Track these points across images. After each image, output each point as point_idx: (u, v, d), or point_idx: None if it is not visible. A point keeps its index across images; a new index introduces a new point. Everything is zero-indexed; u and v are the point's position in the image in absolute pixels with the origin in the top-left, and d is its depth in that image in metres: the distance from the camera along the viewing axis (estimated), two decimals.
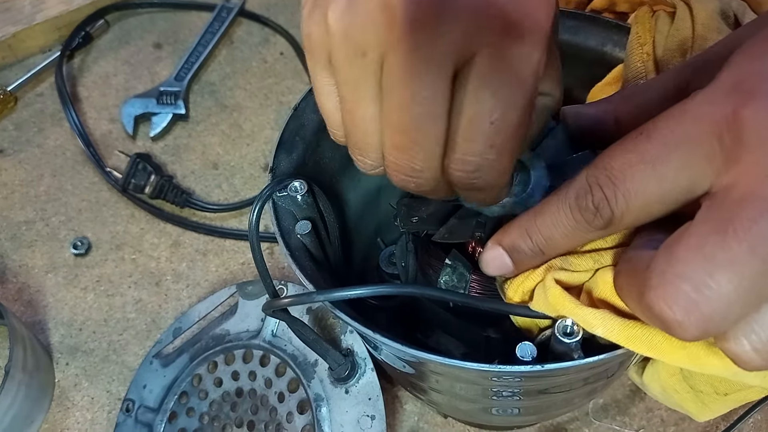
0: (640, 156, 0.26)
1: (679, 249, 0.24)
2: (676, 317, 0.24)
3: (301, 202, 0.40)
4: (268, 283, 0.38)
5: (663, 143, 0.26)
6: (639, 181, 0.26)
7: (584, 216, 0.28)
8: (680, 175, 0.25)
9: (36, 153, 0.76)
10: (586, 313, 0.30)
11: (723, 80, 0.25)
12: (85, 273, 0.67)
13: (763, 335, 0.24)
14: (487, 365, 0.31)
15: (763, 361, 0.24)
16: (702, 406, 0.44)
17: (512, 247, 0.32)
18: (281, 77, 0.81)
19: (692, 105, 0.26)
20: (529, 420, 0.54)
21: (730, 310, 0.23)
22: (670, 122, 0.26)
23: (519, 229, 0.32)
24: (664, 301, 0.24)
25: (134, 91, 0.80)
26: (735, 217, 0.23)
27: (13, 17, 0.82)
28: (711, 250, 0.23)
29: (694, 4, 0.42)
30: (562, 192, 0.29)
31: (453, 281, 0.41)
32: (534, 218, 0.31)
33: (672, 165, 0.25)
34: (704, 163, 0.25)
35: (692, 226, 0.24)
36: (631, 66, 0.43)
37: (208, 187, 0.73)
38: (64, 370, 0.62)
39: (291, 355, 0.53)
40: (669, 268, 0.24)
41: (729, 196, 0.24)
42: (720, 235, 0.23)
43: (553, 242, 0.31)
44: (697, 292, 0.23)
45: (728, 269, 0.23)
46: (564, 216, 0.29)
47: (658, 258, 0.25)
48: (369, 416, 0.50)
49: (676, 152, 0.25)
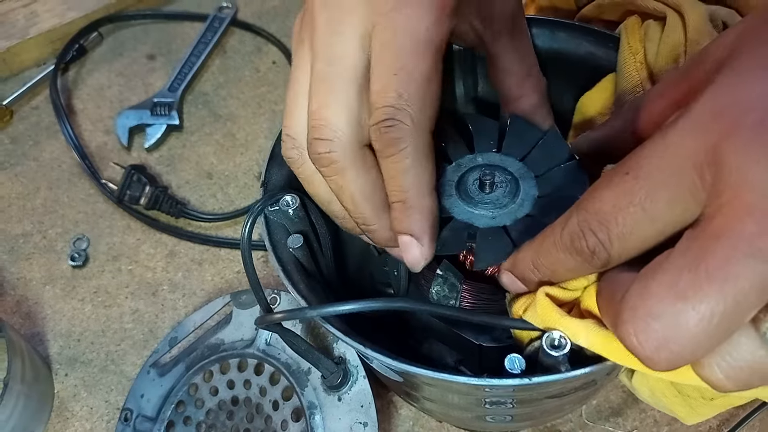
0: (629, 198, 0.26)
1: (652, 285, 0.24)
2: (645, 353, 0.25)
3: (293, 216, 0.41)
4: (261, 297, 0.39)
5: (649, 183, 0.26)
6: (631, 223, 0.26)
7: (582, 257, 0.29)
8: (670, 212, 0.25)
9: (32, 166, 0.77)
10: (571, 323, 0.31)
11: (704, 107, 0.25)
12: (82, 284, 0.68)
13: (733, 362, 0.25)
14: (475, 378, 0.31)
15: (734, 385, 0.25)
16: (690, 410, 0.45)
17: (522, 278, 0.34)
18: (274, 86, 0.82)
19: (673, 136, 0.26)
20: (522, 426, 0.55)
21: (699, 347, 0.24)
22: (653, 159, 0.26)
23: (525, 263, 0.33)
24: (635, 336, 0.25)
25: (128, 102, 0.81)
26: (708, 254, 0.23)
27: (7, 31, 0.82)
28: (683, 288, 0.23)
29: (684, 10, 0.42)
30: (556, 232, 0.30)
31: (444, 291, 0.42)
32: (537, 254, 0.32)
33: (661, 204, 0.25)
34: (689, 198, 0.25)
35: (668, 260, 0.25)
36: (625, 75, 0.43)
37: (203, 197, 0.73)
38: (63, 381, 0.62)
39: (285, 363, 0.54)
40: (641, 303, 0.25)
41: (707, 230, 0.24)
42: (692, 273, 0.23)
43: (559, 275, 0.32)
44: (666, 329, 0.24)
45: (698, 309, 0.23)
46: (563, 256, 0.30)
47: (632, 292, 0.25)
48: (361, 423, 0.50)
49: (663, 191, 0.25)
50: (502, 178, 0.39)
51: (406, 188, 0.34)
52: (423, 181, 0.35)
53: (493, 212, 0.38)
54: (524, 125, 0.42)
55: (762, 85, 0.24)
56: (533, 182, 0.39)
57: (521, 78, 0.44)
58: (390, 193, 0.35)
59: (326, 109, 0.34)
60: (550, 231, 0.31)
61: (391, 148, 0.33)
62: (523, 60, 0.44)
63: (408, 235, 0.35)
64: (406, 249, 0.36)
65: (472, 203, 0.38)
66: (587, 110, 0.46)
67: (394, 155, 0.34)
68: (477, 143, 0.42)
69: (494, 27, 0.43)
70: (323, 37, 0.35)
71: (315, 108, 0.35)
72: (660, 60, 0.42)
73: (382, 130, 0.33)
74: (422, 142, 0.34)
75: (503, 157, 0.41)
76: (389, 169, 0.35)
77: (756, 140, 0.23)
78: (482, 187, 0.39)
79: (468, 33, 0.43)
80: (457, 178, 0.40)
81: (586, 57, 0.47)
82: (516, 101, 0.45)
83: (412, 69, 0.33)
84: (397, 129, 0.33)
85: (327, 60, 0.35)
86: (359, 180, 0.35)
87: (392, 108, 0.33)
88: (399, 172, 0.34)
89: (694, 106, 0.26)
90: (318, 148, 0.34)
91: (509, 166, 0.40)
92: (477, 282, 0.41)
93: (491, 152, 0.42)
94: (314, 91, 0.35)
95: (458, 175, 0.40)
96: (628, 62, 0.43)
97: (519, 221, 0.37)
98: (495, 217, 0.38)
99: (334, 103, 0.34)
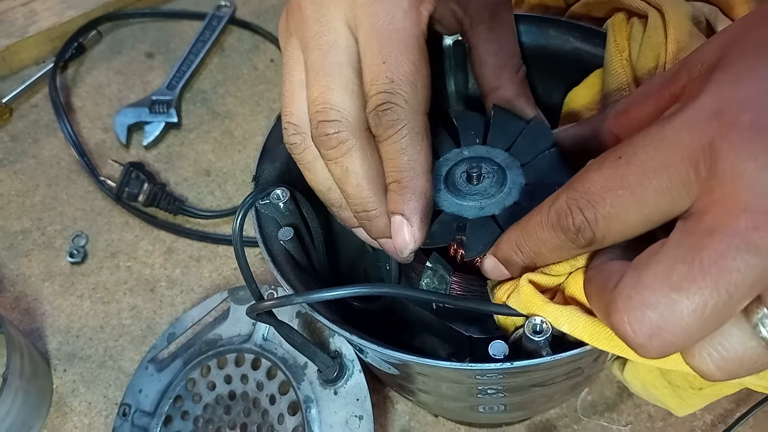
0: (619, 181, 0.27)
1: (647, 275, 0.25)
2: (638, 341, 0.25)
3: (284, 209, 0.41)
4: (254, 288, 0.39)
5: (642, 169, 0.26)
6: (618, 206, 0.27)
7: (567, 236, 0.29)
8: (659, 200, 0.26)
9: (31, 163, 0.77)
10: (554, 310, 0.31)
11: (703, 104, 0.26)
12: (81, 281, 0.68)
13: (723, 352, 0.25)
14: (459, 364, 0.32)
15: (722, 374, 0.26)
16: (680, 401, 0.45)
17: (505, 260, 0.34)
18: (272, 84, 0.83)
19: (670, 130, 0.26)
20: (516, 416, 0.55)
21: (691, 336, 0.24)
22: (648, 148, 0.26)
23: (509, 243, 0.34)
24: (628, 324, 0.25)
25: (127, 100, 0.81)
26: (703, 248, 0.24)
27: (6, 30, 0.83)
28: (677, 279, 0.24)
29: (666, 9, 0.42)
30: (543, 210, 0.30)
31: (434, 283, 0.42)
32: (521, 234, 0.32)
33: (651, 191, 0.26)
34: (681, 190, 0.25)
35: (662, 251, 0.25)
36: (612, 72, 0.44)
37: (201, 194, 0.74)
38: (61, 377, 0.63)
39: (281, 358, 0.54)
40: (635, 293, 0.25)
41: (700, 224, 0.24)
42: (687, 266, 0.24)
43: (542, 256, 0.32)
44: (660, 318, 0.24)
45: (692, 300, 0.24)
46: (548, 235, 0.30)
47: (626, 280, 0.26)
48: (357, 416, 0.51)
49: (655, 179, 0.26)
50: (489, 169, 0.39)
51: (401, 167, 0.35)
52: (418, 161, 0.35)
53: (482, 203, 0.38)
54: (507, 116, 0.43)
55: (760, 84, 0.25)
56: (519, 171, 0.40)
57: (498, 68, 0.45)
58: (387, 174, 0.36)
59: (330, 92, 0.35)
60: (537, 210, 0.31)
61: (389, 130, 0.34)
62: (500, 51, 0.44)
63: (399, 215, 0.36)
64: (397, 231, 0.36)
65: (460, 195, 0.39)
66: (575, 105, 0.46)
67: (391, 136, 0.34)
68: (463, 137, 0.42)
69: (472, 14, 0.43)
70: (313, 28, 0.36)
71: (317, 94, 0.35)
72: (641, 59, 0.42)
73: (379, 114, 0.34)
74: (418, 123, 0.35)
75: (489, 149, 0.42)
76: (388, 151, 0.35)
77: (752, 139, 0.24)
78: (469, 179, 0.39)
79: (449, 18, 0.43)
80: (445, 172, 0.40)
81: (573, 53, 0.48)
82: (493, 92, 0.45)
83: (398, 55, 0.34)
84: (393, 111, 0.34)
85: (320, 49, 0.35)
86: (365, 162, 0.36)
87: (386, 93, 0.34)
88: (396, 152, 0.35)
89: (693, 103, 0.26)
90: (326, 130, 0.35)
91: (495, 156, 0.41)
92: (466, 274, 0.42)
93: (477, 145, 0.42)
94: (313, 79, 0.36)
95: (446, 170, 0.40)
96: (614, 59, 0.44)
97: (507, 209, 0.38)
98: (483, 207, 0.38)
99: (336, 87, 0.35)
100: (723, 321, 0.24)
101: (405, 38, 0.34)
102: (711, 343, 0.25)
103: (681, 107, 0.26)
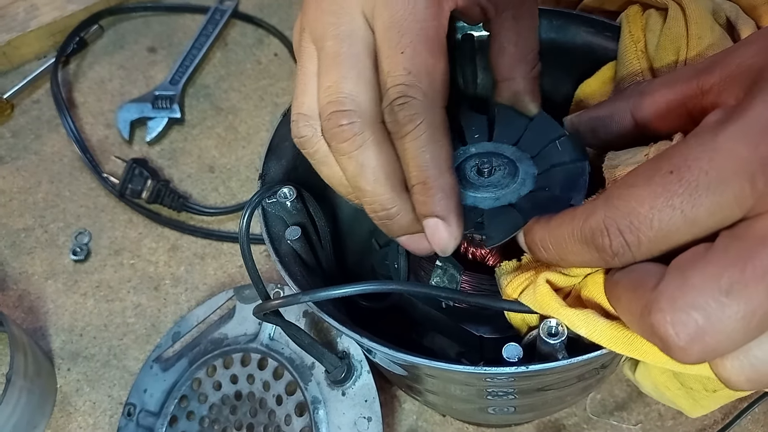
0: (668, 200, 0.25)
1: (694, 275, 0.24)
2: (679, 343, 0.24)
3: (291, 208, 0.41)
4: (261, 288, 0.39)
5: (695, 186, 0.25)
6: (667, 228, 0.25)
7: (601, 255, 0.28)
8: (711, 218, 0.25)
9: (33, 160, 0.76)
10: (571, 313, 0.30)
11: (759, 113, 0.25)
12: (84, 279, 0.68)
13: (758, 364, 0.24)
14: (472, 367, 0.31)
15: (751, 385, 0.25)
16: (693, 403, 0.44)
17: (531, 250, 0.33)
18: (276, 78, 0.82)
19: (725, 140, 0.25)
20: (525, 417, 0.54)
21: (733, 343, 0.24)
22: (701, 161, 0.25)
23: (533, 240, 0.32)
24: (671, 325, 0.24)
25: (130, 95, 0.81)
26: (756, 255, 0.23)
27: (7, 24, 0.82)
28: (727, 282, 0.23)
29: (686, 4, 0.42)
30: (576, 222, 0.28)
31: (444, 282, 0.42)
32: (548, 236, 0.31)
33: (703, 209, 0.25)
34: (734, 205, 0.24)
35: (710, 253, 0.24)
36: (626, 63, 0.43)
37: (205, 191, 0.73)
38: (65, 376, 0.62)
39: (288, 358, 0.54)
40: (681, 294, 0.24)
41: (751, 230, 0.24)
42: (738, 270, 0.23)
43: (567, 262, 0.31)
44: (706, 322, 0.24)
45: (742, 305, 0.23)
46: (579, 248, 0.29)
47: (670, 280, 0.25)
48: (366, 418, 0.50)
49: (708, 196, 0.24)
50: (499, 162, 0.39)
51: (425, 166, 0.33)
52: (441, 157, 0.34)
53: (496, 193, 0.38)
54: (512, 113, 0.42)
55: None
56: (530, 162, 0.39)
57: (515, 59, 0.43)
58: (409, 175, 0.34)
59: (344, 81, 0.34)
60: (568, 218, 0.29)
61: (407, 125, 0.33)
62: (520, 42, 0.43)
63: (434, 217, 0.34)
64: (434, 232, 0.34)
65: (474, 188, 0.38)
66: (586, 98, 0.45)
67: (410, 132, 0.33)
68: (468, 136, 0.42)
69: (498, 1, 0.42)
70: (329, 19, 0.35)
71: (331, 83, 0.34)
72: (661, 51, 0.42)
73: (395, 108, 0.33)
74: (436, 116, 0.34)
75: (497, 145, 0.41)
76: (407, 148, 0.34)
77: None
78: (480, 173, 0.39)
79: (473, 8, 0.42)
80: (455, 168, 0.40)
81: (584, 46, 0.47)
82: (504, 82, 0.44)
83: (416, 45, 0.33)
84: (411, 105, 0.33)
85: (336, 38, 0.35)
86: (381, 156, 0.34)
87: (403, 86, 0.33)
88: (417, 150, 0.33)
89: (746, 112, 0.25)
90: (340, 120, 0.34)
91: (504, 151, 0.40)
92: (476, 273, 0.41)
93: (484, 142, 0.41)
94: (326, 68, 0.35)
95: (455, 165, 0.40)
96: (629, 49, 0.43)
97: (524, 198, 0.37)
98: (499, 197, 0.37)
99: (352, 76, 0.34)
100: (764, 331, 0.24)
101: (425, 29, 0.33)
102: (745, 354, 0.24)
103: (731, 115, 0.25)
